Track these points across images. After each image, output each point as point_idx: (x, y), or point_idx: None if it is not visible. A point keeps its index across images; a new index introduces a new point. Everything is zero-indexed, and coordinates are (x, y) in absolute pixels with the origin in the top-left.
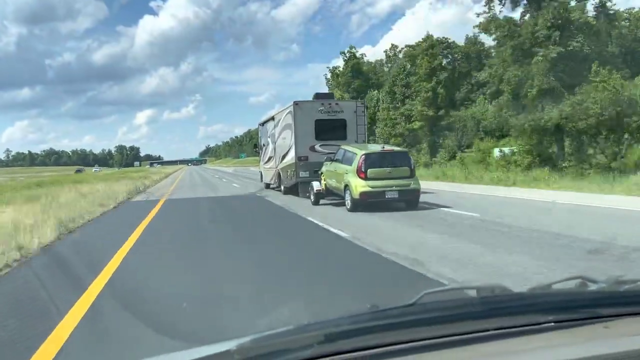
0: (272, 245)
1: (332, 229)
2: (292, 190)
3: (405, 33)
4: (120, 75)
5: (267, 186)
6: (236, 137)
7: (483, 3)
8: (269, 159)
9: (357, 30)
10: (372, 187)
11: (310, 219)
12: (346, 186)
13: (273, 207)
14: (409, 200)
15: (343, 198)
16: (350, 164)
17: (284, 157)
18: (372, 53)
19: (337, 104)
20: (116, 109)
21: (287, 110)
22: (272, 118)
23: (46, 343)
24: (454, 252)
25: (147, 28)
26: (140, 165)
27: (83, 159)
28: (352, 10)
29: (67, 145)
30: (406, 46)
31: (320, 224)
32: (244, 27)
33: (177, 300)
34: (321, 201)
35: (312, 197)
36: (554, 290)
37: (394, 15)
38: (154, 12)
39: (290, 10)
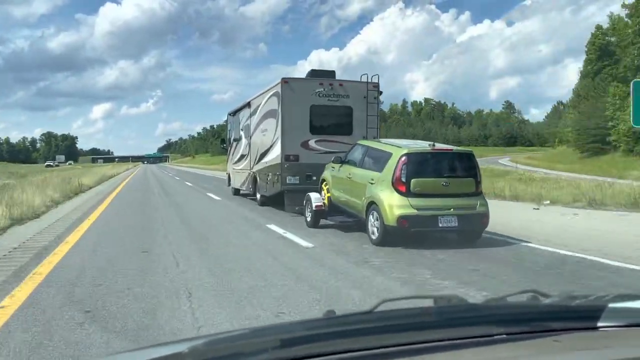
0: None
1: None
2: (274, 200)
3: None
4: (78, 66)
5: (237, 192)
6: (212, 127)
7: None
8: (241, 157)
9: (325, 33)
10: (417, 209)
11: None
12: (371, 204)
13: None
14: (472, 232)
15: (358, 220)
16: (380, 170)
17: (263, 155)
18: (338, 57)
19: (341, 85)
20: (71, 101)
21: (272, 92)
22: (248, 104)
23: None
24: None
25: (109, 17)
26: (63, 162)
27: None
28: (322, 12)
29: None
30: None
31: None
32: (211, 22)
33: None
34: (322, 221)
35: (308, 215)
36: (507, 303)
37: (364, 19)
38: (116, 1)
39: (259, 8)
